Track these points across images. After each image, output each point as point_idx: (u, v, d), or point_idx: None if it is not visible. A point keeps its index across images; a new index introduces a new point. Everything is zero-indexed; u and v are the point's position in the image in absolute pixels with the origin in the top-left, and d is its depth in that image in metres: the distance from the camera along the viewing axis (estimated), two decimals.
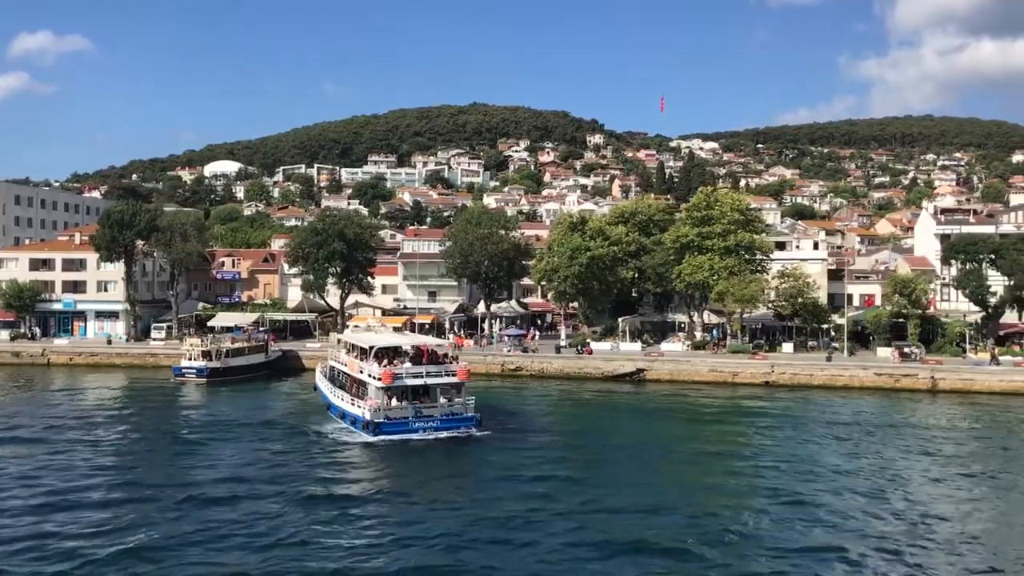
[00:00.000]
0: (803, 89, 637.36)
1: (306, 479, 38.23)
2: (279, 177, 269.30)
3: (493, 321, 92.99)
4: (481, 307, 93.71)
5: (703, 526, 31.14)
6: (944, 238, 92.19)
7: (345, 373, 53.25)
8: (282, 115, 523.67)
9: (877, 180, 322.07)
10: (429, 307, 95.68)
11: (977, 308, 78.84)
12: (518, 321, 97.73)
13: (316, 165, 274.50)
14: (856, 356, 76.15)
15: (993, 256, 77.67)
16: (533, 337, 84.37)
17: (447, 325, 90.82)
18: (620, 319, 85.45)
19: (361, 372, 49.93)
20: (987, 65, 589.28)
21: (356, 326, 58.73)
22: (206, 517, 32.22)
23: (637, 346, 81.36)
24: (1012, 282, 75.77)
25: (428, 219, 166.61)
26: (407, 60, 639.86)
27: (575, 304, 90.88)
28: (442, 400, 48.91)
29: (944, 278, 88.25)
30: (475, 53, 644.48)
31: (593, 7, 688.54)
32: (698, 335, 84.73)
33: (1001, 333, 77.28)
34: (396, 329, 67.23)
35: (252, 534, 30.25)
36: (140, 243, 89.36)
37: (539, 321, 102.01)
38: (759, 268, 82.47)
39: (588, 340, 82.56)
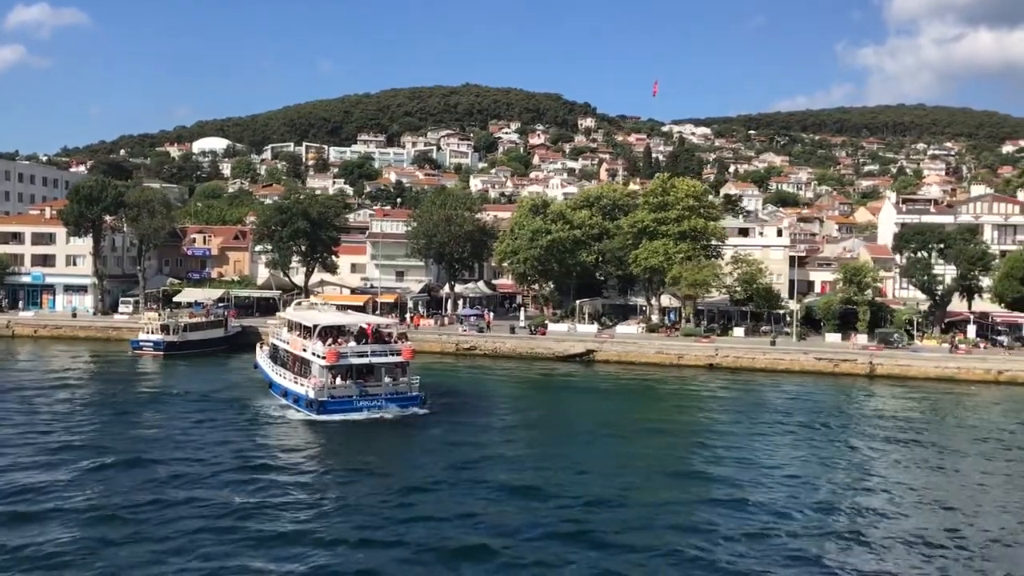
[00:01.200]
0: (801, 76, 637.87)
1: (239, 455, 38.72)
2: (267, 155, 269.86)
3: (459, 301, 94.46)
4: (448, 287, 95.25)
5: (604, 503, 32.63)
6: (903, 227, 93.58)
7: (288, 352, 53.42)
8: (275, 93, 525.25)
9: (867, 168, 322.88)
10: (395, 287, 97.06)
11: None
12: (484, 301, 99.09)
13: (304, 143, 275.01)
14: (807, 341, 77.63)
15: (942, 246, 78.98)
16: (489, 318, 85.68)
17: (410, 305, 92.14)
18: (578, 301, 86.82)
19: (305, 351, 50.19)
20: (984, 55, 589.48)
21: (299, 303, 59.44)
22: (122, 486, 33.15)
23: (593, 328, 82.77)
24: (959, 271, 77.25)
25: (399, 199, 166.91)
26: (402, 40, 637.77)
27: (544, 285, 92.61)
28: (387, 379, 49.37)
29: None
30: (470, 35, 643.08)
31: None
32: (655, 318, 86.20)
33: (947, 321, 78.75)
34: (346, 308, 68.82)
35: (174, 504, 31.00)
36: (108, 218, 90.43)
37: (509, 302, 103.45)
38: (714, 254, 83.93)
39: (546, 321, 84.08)
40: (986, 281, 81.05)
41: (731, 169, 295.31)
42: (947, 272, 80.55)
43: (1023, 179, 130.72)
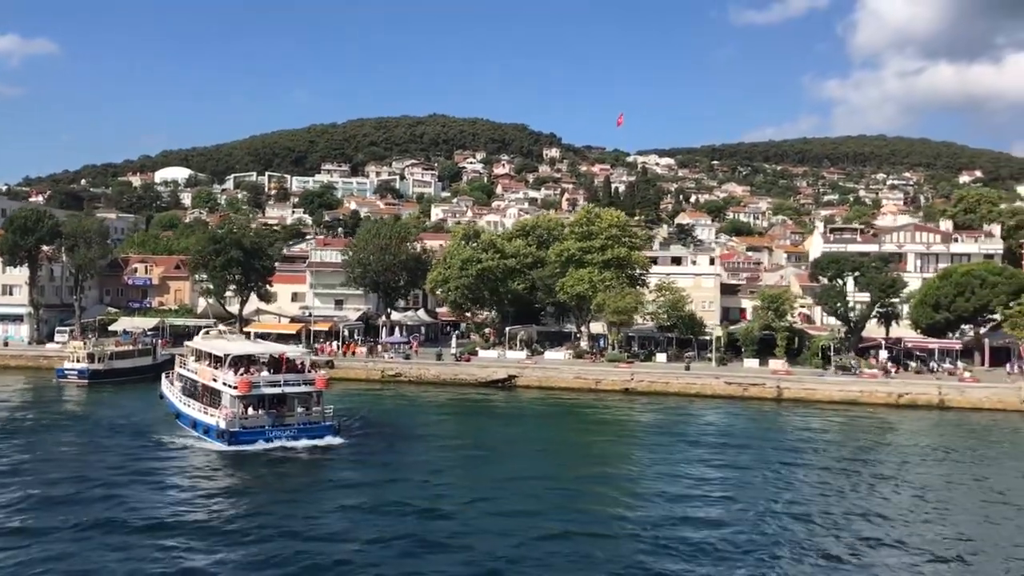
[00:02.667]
0: (769, 108, 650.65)
1: (138, 483, 38.64)
2: (229, 185, 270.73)
3: (396, 329, 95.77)
4: (394, 315, 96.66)
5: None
6: (820, 256, 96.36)
7: (196, 381, 52.55)
8: (243, 123, 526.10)
9: (827, 198, 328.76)
10: (334, 315, 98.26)
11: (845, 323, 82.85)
12: (422, 329, 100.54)
13: (267, 173, 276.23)
14: (727, 366, 79.66)
15: (856, 274, 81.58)
16: (416, 345, 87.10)
17: (345, 333, 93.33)
18: (508, 328, 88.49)
19: (215, 380, 49.72)
20: (945, 88, 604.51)
21: (207, 332, 60.10)
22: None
23: (523, 354, 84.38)
24: (871, 298, 79.84)
25: (340, 229, 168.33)
26: (369, 71, 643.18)
27: (479, 313, 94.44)
28: (300, 409, 48.93)
29: None
30: (438, 66, 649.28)
31: (559, 23, 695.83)
32: (583, 344, 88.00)
33: (861, 346, 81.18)
34: (268, 336, 69.50)
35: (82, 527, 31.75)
36: (45, 248, 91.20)
37: (452, 329, 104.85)
38: (639, 282, 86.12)
39: (477, 348, 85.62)
40: (906, 308, 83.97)
41: (692, 199, 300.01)
42: (860, 300, 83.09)
43: (958, 207, 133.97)
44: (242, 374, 48.97)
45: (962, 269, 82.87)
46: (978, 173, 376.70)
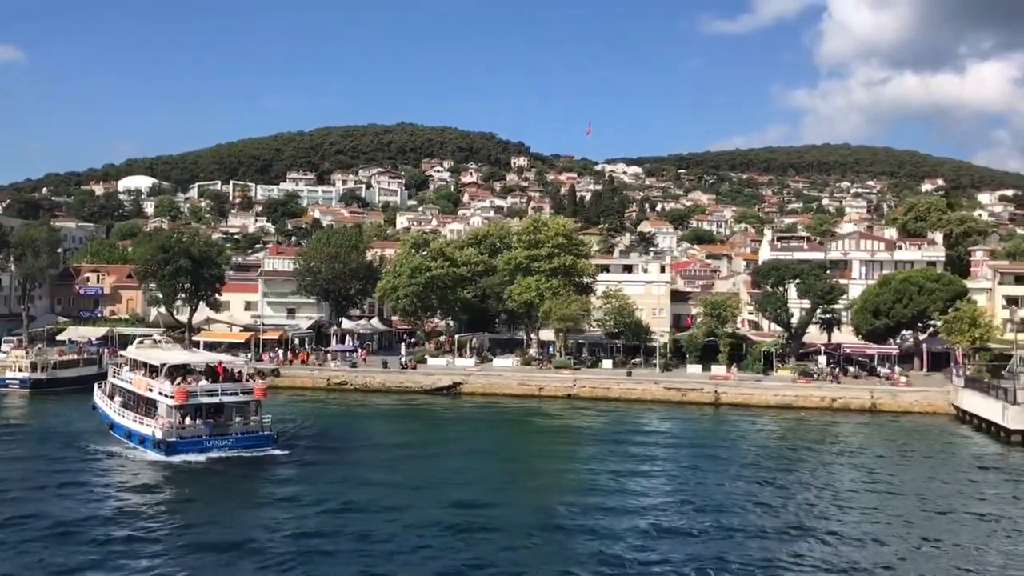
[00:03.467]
0: (738, 117, 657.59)
1: (77, 496, 38.24)
2: (193, 193, 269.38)
3: (346, 337, 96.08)
4: (345, 323, 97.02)
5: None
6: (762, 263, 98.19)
7: (131, 391, 51.89)
8: (210, 131, 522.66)
9: (791, 206, 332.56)
10: (285, 324, 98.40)
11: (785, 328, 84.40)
12: (375, 337, 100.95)
13: (232, 181, 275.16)
14: (671, 372, 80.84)
15: (797, 280, 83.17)
16: (366, 353, 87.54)
17: (296, 342, 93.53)
18: (457, 336, 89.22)
19: (151, 390, 49.06)
20: (910, 97, 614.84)
21: (141, 342, 59.97)
22: None
23: (471, 361, 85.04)
24: (811, 304, 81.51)
25: (293, 237, 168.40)
26: (338, 79, 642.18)
27: (429, 321, 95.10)
28: (238, 418, 48.59)
29: None
30: (407, 74, 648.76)
31: (529, 32, 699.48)
32: (533, 352, 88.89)
33: (801, 351, 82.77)
34: (213, 347, 69.40)
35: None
36: None
37: (407, 337, 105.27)
38: (587, 289, 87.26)
39: (426, 356, 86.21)
40: (848, 314, 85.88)
41: (658, 207, 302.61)
42: (804, 306, 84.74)
43: (909, 216, 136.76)
44: (179, 383, 48.47)
45: (900, 276, 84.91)
46: (940, 181, 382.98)
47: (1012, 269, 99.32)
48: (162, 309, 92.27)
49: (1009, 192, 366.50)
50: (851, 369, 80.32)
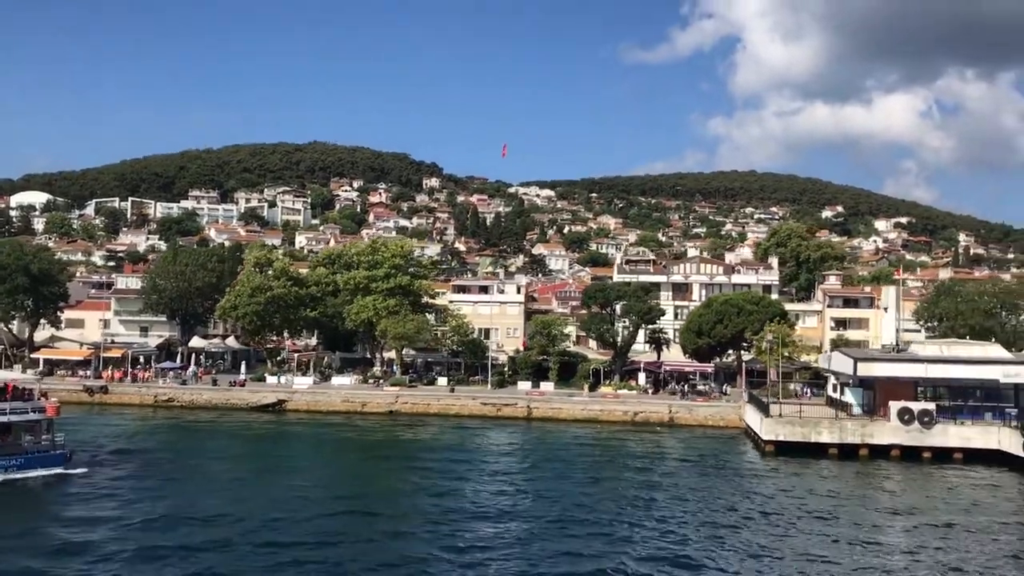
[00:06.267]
0: (658, 144, 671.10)
1: None
2: (89, 210, 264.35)
3: (198, 356, 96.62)
4: (195, 341, 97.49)
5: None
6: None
7: None
8: (115, 147, 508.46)
9: (696, 230, 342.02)
10: (135, 342, 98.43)
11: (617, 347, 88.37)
12: (227, 356, 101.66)
13: (131, 198, 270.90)
14: (505, 389, 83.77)
15: (622, 302, 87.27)
16: (204, 372, 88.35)
17: (141, 360, 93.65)
18: (296, 355, 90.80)
19: None
20: (821, 127, 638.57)
21: None
22: None
23: (308, 379, 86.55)
24: (632, 324, 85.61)
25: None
26: (247, 95, 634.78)
27: (279, 339, 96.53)
28: (28, 438, 48.44)
29: None
30: (319, 93, 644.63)
31: (449, 51, 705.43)
32: (376, 369, 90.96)
33: (625, 369, 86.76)
34: (55, 364, 69.33)
35: None
36: None
37: (265, 355, 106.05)
38: (425, 309, 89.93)
39: (265, 375, 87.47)
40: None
41: (566, 230, 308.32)
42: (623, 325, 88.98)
43: (771, 241, 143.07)
44: None
45: (722, 299, 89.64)
46: (840, 208, 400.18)
47: (841, 293, 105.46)
48: (2, 326, 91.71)
49: (904, 220, 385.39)
50: (671, 385, 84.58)
